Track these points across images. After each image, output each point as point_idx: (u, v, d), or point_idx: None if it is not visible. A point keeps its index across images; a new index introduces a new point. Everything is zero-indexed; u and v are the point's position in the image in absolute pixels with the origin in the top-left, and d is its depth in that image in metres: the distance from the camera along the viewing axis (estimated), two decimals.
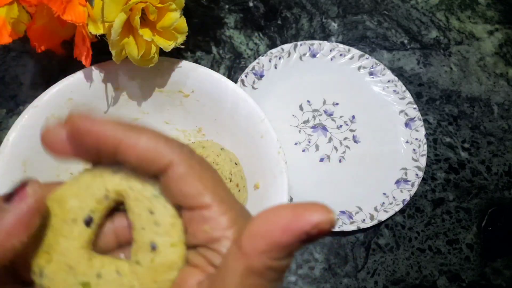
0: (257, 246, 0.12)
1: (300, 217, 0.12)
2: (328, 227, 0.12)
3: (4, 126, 0.42)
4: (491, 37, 0.55)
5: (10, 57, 0.45)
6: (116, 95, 0.37)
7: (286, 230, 0.12)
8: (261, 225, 0.13)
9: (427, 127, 0.48)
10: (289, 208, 0.13)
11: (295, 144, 0.45)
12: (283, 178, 0.33)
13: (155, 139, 0.15)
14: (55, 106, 0.34)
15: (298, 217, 0.12)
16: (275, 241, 0.12)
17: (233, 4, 0.52)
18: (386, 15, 0.55)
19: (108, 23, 0.32)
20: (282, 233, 0.12)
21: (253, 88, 0.46)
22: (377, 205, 0.41)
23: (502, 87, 0.52)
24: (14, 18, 0.34)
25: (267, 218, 0.13)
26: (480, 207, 0.44)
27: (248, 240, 0.13)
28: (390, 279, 0.40)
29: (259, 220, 0.13)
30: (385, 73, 0.49)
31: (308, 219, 0.12)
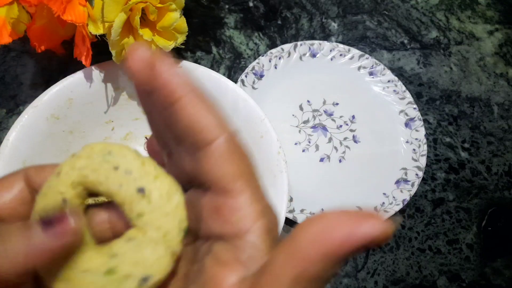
0: (314, 254, 0.12)
1: (360, 228, 0.12)
2: (385, 239, 0.12)
3: (4, 126, 0.42)
4: (491, 37, 0.55)
5: (10, 57, 0.45)
6: (116, 95, 0.37)
7: (345, 241, 0.12)
8: (319, 233, 0.12)
9: (427, 127, 0.48)
10: (347, 216, 0.12)
11: (295, 144, 0.45)
12: (283, 178, 0.33)
13: (212, 110, 0.15)
14: (55, 106, 0.35)
15: (358, 228, 0.12)
16: (333, 251, 0.12)
17: (233, 4, 0.52)
18: (386, 15, 0.55)
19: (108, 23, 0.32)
20: (341, 244, 0.12)
21: (253, 88, 0.46)
22: (377, 205, 0.41)
23: (502, 87, 0.52)
24: (14, 18, 0.34)
25: (324, 225, 0.12)
26: (480, 207, 0.44)
27: (307, 245, 0.12)
28: (390, 279, 0.40)
29: (316, 227, 0.13)
30: (385, 73, 0.49)
31: (369, 232, 0.12)
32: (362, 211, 0.12)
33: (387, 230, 0.12)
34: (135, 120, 0.39)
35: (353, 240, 0.12)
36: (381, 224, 0.12)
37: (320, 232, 0.12)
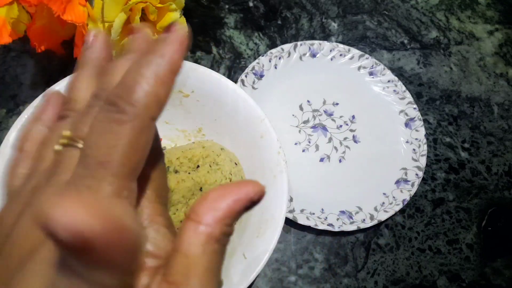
0: (218, 216, 0.15)
1: (245, 189, 0.16)
2: (264, 194, 0.16)
3: (4, 126, 0.42)
4: (491, 37, 0.55)
5: (10, 57, 0.45)
6: None
7: (237, 200, 0.15)
8: (217, 200, 0.15)
9: (427, 127, 0.48)
10: (233, 185, 0.16)
11: (295, 144, 0.45)
12: (283, 178, 0.33)
13: None
14: None
15: (244, 189, 0.16)
16: (230, 210, 0.15)
17: (233, 4, 0.52)
18: (386, 15, 0.55)
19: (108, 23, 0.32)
20: (235, 203, 0.15)
21: (253, 88, 0.46)
22: (377, 205, 0.41)
23: (502, 87, 0.52)
24: (14, 18, 0.34)
25: (219, 194, 0.15)
26: (480, 207, 0.44)
27: (209, 213, 0.15)
28: (390, 279, 0.40)
29: (213, 196, 0.15)
30: (385, 73, 0.49)
31: (252, 190, 0.16)
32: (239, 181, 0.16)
33: (261, 189, 0.16)
34: None
35: (243, 198, 0.15)
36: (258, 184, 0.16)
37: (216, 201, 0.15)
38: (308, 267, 0.39)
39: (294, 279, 0.39)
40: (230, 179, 0.36)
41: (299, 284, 0.38)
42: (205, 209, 0.15)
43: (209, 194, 0.16)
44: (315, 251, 0.40)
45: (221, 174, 0.36)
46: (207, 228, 0.15)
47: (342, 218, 0.40)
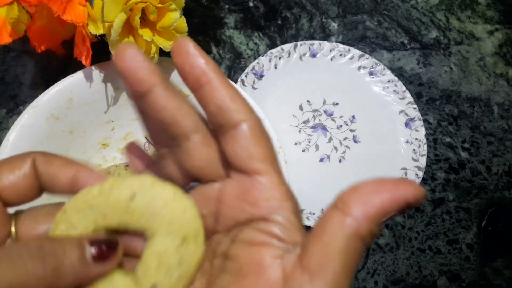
0: (369, 213, 0.14)
1: (404, 189, 0.14)
2: (423, 199, 0.14)
3: (4, 126, 0.42)
4: (491, 37, 0.55)
5: (10, 57, 0.45)
6: (116, 95, 0.37)
7: (393, 200, 0.14)
8: (371, 194, 0.14)
9: (427, 127, 0.48)
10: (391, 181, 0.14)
11: (295, 144, 0.45)
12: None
13: (239, 95, 0.16)
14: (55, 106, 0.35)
15: (402, 189, 0.14)
16: (383, 209, 0.14)
17: (233, 4, 0.52)
18: (386, 15, 0.55)
19: (108, 23, 0.32)
20: (391, 202, 0.14)
21: (253, 88, 0.46)
22: None
23: (502, 87, 0.52)
24: (14, 18, 0.34)
25: (373, 188, 0.14)
26: (480, 207, 0.44)
27: (359, 207, 0.14)
28: (390, 279, 0.40)
29: (367, 189, 0.14)
30: (385, 73, 0.49)
31: (412, 192, 0.14)
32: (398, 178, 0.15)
33: (421, 193, 0.14)
34: (135, 120, 0.39)
35: (397, 201, 0.14)
36: (416, 187, 0.14)
37: (366, 196, 0.14)
38: None
39: None
40: None
41: None
42: (356, 201, 0.14)
43: (363, 185, 0.15)
44: None
45: None
46: (355, 222, 0.14)
47: None
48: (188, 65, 0.16)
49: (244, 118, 0.15)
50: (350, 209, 0.14)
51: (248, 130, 0.15)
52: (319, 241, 0.14)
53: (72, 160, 0.17)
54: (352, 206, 0.14)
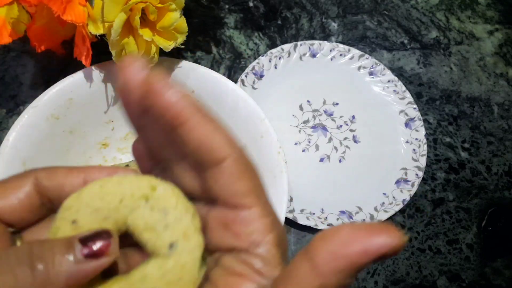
0: (336, 266, 0.13)
1: (377, 239, 0.13)
2: (400, 249, 0.13)
3: (4, 126, 0.42)
4: (491, 37, 0.55)
5: (10, 57, 0.45)
6: (116, 95, 0.37)
7: (365, 252, 0.13)
8: (338, 246, 0.13)
9: (427, 127, 0.48)
10: (363, 229, 0.13)
11: (295, 144, 0.45)
12: (283, 178, 0.33)
13: (220, 129, 0.15)
14: (55, 106, 0.35)
15: (376, 239, 0.13)
16: (354, 262, 0.13)
17: (233, 4, 0.52)
18: (386, 15, 0.55)
19: (108, 23, 0.32)
20: (362, 255, 0.13)
21: (253, 88, 0.46)
22: (377, 205, 0.41)
23: (502, 87, 0.52)
24: (14, 18, 0.34)
25: (341, 239, 0.13)
26: (480, 207, 0.44)
27: (326, 259, 0.13)
28: (390, 279, 0.40)
29: (335, 240, 0.13)
30: (385, 73, 0.49)
31: (386, 242, 0.13)
32: (374, 224, 0.13)
33: (399, 241, 0.13)
34: None
35: (369, 253, 0.13)
36: (395, 233, 0.13)
37: (336, 247, 0.13)
38: None
39: None
40: None
41: None
42: (325, 253, 0.13)
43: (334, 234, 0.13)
44: None
45: None
46: (321, 277, 0.13)
47: (342, 218, 0.40)
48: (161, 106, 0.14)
49: (226, 154, 0.15)
50: (317, 261, 0.13)
51: (231, 166, 0.15)
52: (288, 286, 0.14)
53: (76, 167, 0.17)
54: (320, 258, 0.13)
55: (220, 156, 0.15)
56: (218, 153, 0.15)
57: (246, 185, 0.15)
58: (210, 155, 0.15)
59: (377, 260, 0.13)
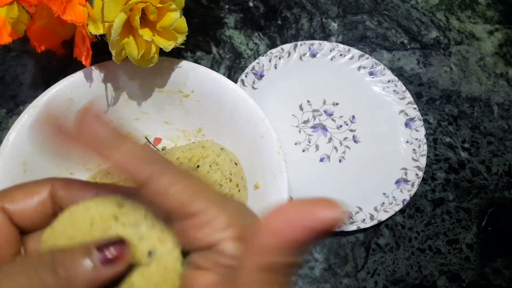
0: (270, 243, 0.13)
1: (309, 214, 0.13)
2: (336, 223, 0.13)
3: (4, 126, 0.42)
4: (491, 37, 0.55)
5: (10, 57, 0.45)
6: (116, 95, 0.37)
7: (296, 228, 0.13)
8: (273, 223, 0.13)
9: (427, 127, 0.48)
10: (298, 205, 0.13)
11: (295, 144, 0.45)
12: (283, 178, 0.33)
13: (133, 152, 0.15)
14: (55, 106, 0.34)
15: (308, 214, 0.13)
16: (287, 238, 0.13)
17: (233, 4, 0.52)
18: (386, 15, 0.55)
19: (108, 23, 0.32)
20: (293, 231, 0.13)
21: (253, 88, 0.46)
22: (377, 205, 0.41)
23: (502, 87, 0.52)
24: (14, 18, 0.34)
25: (277, 215, 0.13)
26: (480, 207, 0.44)
27: (266, 237, 0.13)
28: (390, 279, 0.40)
29: (270, 218, 0.13)
30: (385, 73, 0.49)
31: (317, 216, 0.13)
32: (315, 198, 0.13)
33: (336, 214, 0.12)
34: (135, 120, 0.39)
35: (306, 228, 0.13)
36: (330, 207, 0.13)
37: (277, 223, 0.13)
38: (308, 267, 0.39)
39: (294, 279, 0.39)
40: (230, 179, 0.36)
41: (299, 284, 0.38)
42: (258, 233, 0.13)
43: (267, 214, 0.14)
44: (315, 251, 0.40)
45: (221, 174, 0.36)
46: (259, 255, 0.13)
47: None
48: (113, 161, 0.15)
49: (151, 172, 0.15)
50: (260, 240, 0.13)
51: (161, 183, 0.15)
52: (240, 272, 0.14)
53: (91, 182, 0.18)
54: (262, 236, 0.13)
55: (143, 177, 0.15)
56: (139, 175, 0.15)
57: (186, 193, 0.15)
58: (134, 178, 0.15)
59: (320, 236, 0.13)
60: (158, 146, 0.40)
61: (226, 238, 0.15)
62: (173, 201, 0.15)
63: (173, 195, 0.15)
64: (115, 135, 0.15)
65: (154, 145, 0.40)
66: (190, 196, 0.15)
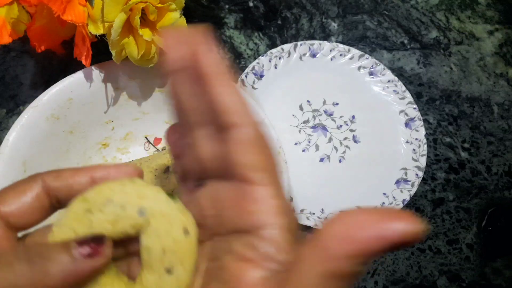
0: (346, 251, 0.12)
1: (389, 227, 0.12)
2: (414, 239, 0.12)
3: (4, 126, 0.42)
4: (491, 37, 0.55)
5: (10, 57, 0.45)
6: (116, 95, 0.37)
7: (373, 241, 0.12)
8: (351, 229, 0.12)
9: (427, 127, 0.48)
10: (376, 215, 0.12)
11: (295, 144, 0.45)
12: (283, 178, 0.33)
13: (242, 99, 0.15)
14: (55, 106, 0.35)
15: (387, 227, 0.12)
16: (361, 250, 0.12)
17: (233, 4, 0.52)
18: (386, 15, 0.55)
19: (108, 23, 0.32)
20: (369, 243, 0.12)
21: (253, 88, 0.46)
22: (377, 205, 0.41)
23: (502, 87, 0.52)
24: (14, 18, 0.34)
25: (353, 223, 0.12)
26: (480, 207, 0.44)
27: (335, 243, 0.12)
28: (390, 279, 0.40)
29: (347, 223, 0.12)
30: (385, 73, 0.49)
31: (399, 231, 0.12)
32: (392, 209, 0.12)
33: (417, 230, 0.12)
34: (135, 120, 0.39)
35: (382, 239, 0.12)
36: (411, 223, 0.12)
37: (348, 230, 0.12)
38: None
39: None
40: None
41: None
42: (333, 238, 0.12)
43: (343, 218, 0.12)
44: None
45: None
46: (331, 261, 0.12)
47: None
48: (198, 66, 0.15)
49: (243, 121, 0.15)
50: (328, 245, 0.12)
51: (247, 135, 0.14)
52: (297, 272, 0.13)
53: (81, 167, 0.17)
54: (330, 241, 0.12)
55: (238, 121, 0.14)
56: (235, 117, 0.14)
57: (261, 160, 0.14)
58: (228, 117, 0.15)
59: (393, 248, 0.12)
60: (158, 146, 0.40)
61: (275, 224, 0.14)
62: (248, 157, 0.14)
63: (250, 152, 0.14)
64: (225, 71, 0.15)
65: (154, 145, 0.40)
66: (262, 163, 0.14)
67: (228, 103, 0.15)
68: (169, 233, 0.16)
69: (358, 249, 0.12)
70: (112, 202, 0.16)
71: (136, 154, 0.40)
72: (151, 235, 0.16)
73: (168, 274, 0.15)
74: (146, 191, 0.16)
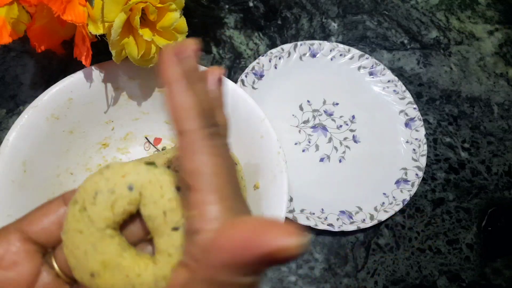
0: (221, 259, 0.12)
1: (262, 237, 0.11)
2: (294, 253, 0.11)
3: (4, 126, 0.42)
4: (491, 37, 0.55)
5: (10, 57, 0.45)
6: (116, 95, 0.37)
7: (247, 250, 0.11)
8: (227, 238, 0.12)
9: (427, 127, 0.48)
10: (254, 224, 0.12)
11: (295, 144, 0.45)
12: (283, 178, 0.33)
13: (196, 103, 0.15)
14: (55, 106, 0.35)
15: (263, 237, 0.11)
16: (238, 258, 0.12)
17: (233, 4, 0.52)
18: (386, 15, 0.55)
19: (108, 23, 0.32)
20: (243, 253, 0.12)
21: (253, 88, 0.46)
22: (377, 205, 0.41)
23: (502, 87, 0.52)
24: (14, 18, 0.34)
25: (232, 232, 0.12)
26: (480, 207, 0.44)
27: (214, 251, 0.12)
28: (390, 279, 0.40)
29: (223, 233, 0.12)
30: (385, 73, 0.49)
31: (270, 243, 0.11)
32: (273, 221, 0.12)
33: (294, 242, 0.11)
34: (135, 120, 0.39)
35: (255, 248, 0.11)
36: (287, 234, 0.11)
37: (227, 240, 0.12)
38: (308, 267, 0.39)
39: (294, 279, 0.39)
40: None
41: (299, 284, 0.38)
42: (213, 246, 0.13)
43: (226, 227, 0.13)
44: (315, 251, 0.40)
45: None
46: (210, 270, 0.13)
47: (342, 218, 0.40)
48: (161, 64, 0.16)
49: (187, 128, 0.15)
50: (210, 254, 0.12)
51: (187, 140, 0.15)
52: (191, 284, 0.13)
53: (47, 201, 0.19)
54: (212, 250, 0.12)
55: (181, 128, 0.15)
56: (180, 125, 0.15)
57: (197, 164, 0.14)
58: (176, 124, 0.15)
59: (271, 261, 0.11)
60: (158, 146, 0.40)
61: (208, 229, 0.13)
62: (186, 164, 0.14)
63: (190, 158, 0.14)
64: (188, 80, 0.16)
65: (154, 145, 0.40)
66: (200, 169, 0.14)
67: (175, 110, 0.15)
68: (162, 196, 0.16)
69: (231, 259, 0.12)
70: (101, 192, 0.17)
71: (136, 154, 0.40)
72: (147, 204, 0.16)
73: (175, 231, 0.16)
74: (126, 169, 0.17)
